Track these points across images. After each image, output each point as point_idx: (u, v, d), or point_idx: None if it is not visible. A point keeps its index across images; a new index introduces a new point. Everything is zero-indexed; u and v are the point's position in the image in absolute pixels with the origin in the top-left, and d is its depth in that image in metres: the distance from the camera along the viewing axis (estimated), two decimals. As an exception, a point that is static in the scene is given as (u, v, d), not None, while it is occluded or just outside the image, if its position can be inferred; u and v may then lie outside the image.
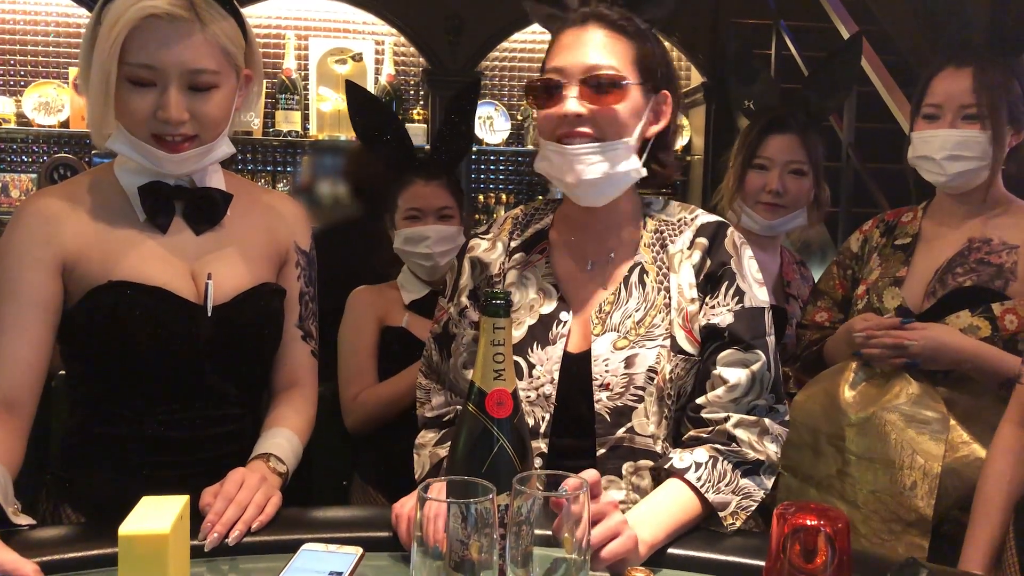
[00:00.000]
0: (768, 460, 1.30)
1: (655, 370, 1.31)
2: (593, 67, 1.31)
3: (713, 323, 1.33)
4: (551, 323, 1.37)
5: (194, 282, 1.39)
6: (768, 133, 2.18)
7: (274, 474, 1.33)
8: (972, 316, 1.70)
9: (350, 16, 4.39)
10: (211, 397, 1.41)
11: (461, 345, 1.44)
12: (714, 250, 1.36)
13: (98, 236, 1.36)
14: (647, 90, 1.35)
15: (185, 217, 1.41)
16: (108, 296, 1.33)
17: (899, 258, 1.86)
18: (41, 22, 4.15)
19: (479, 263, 1.46)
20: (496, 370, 1.03)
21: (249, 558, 1.20)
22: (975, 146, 1.72)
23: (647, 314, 1.34)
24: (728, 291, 1.34)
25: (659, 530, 1.21)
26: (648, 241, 1.40)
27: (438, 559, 0.88)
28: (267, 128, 4.28)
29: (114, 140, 1.34)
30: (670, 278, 1.36)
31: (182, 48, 1.28)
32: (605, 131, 1.32)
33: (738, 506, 1.27)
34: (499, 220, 1.51)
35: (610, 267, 1.39)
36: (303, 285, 1.52)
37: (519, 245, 1.45)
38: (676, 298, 1.35)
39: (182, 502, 1.02)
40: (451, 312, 1.46)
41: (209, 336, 1.37)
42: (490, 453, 1.03)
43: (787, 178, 2.15)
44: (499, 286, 1.42)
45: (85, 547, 1.17)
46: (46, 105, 4.09)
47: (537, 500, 0.90)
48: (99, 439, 1.39)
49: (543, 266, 1.42)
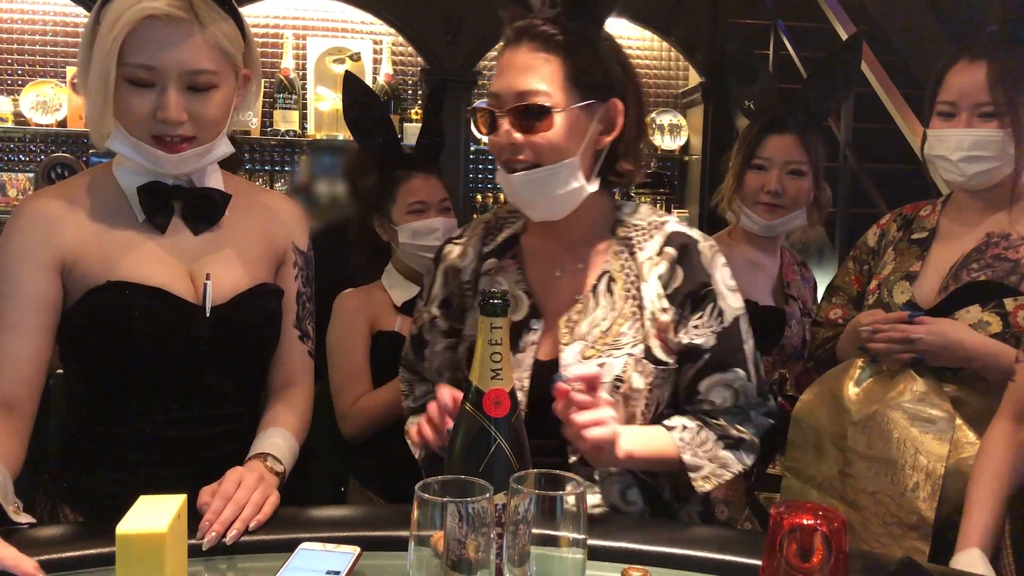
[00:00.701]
0: (749, 440, 1.37)
1: (621, 379, 1.32)
2: (522, 94, 1.29)
3: (696, 344, 1.35)
4: (522, 330, 1.37)
5: (192, 283, 1.39)
6: (767, 133, 2.19)
7: (271, 473, 1.33)
8: (983, 311, 1.65)
9: (348, 16, 4.38)
10: (209, 397, 1.41)
11: (434, 353, 1.46)
12: (690, 268, 1.36)
13: (97, 236, 1.36)
14: (588, 105, 1.31)
15: (184, 217, 1.41)
16: (107, 297, 1.33)
17: (914, 253, 1.81)
18: (39, 21, 4.15)
19: (451, 271, 1.46)
20: (493, 369, 1.04)
21: (247, 557, 1.20)
22: (992, 145, 1.67)
23: (614, 323, 1.35)
24: (712, 312, 1.36)
25: (641, 445, 1.28)
26: (617, 248, 1.40)
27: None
28: (265, 128, 4.28)
29: (113, 140, 1.34)
30: (640, 287, 1.36)
31: (181, 49, 1.29)
32: (542, 157, 1.31)
33: (712, 472, 1.33)
34: (471, 224, 1.52)
35: (579, 275, 1.40)
36: (300, 285, 1.52)
37: (492, 250, 1.45)
38: (649, 308, 1.35)
39: (180, 501, 1.02)
40: (424, 319, 1.48)
41: (207, 337, 1.37)
42: (487, 452, 1.03)
43: (786, 178, 2.16)
44: (470, 292, 1.43)
45: (83, 546, 1.17)
46: (44, 104, 4.08)
47: (534, 499, 0.90)
48: (97, 439, 1.39)
49: (515, 272, 1.43)
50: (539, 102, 1.28)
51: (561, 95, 1.29)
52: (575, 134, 1.31)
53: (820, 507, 1.00)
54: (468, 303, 1.44)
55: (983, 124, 1.68)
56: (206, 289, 1.38)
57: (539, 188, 1.32)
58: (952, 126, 1.71)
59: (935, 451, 1.60)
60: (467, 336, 1.43)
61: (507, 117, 1.30)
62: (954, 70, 1.71)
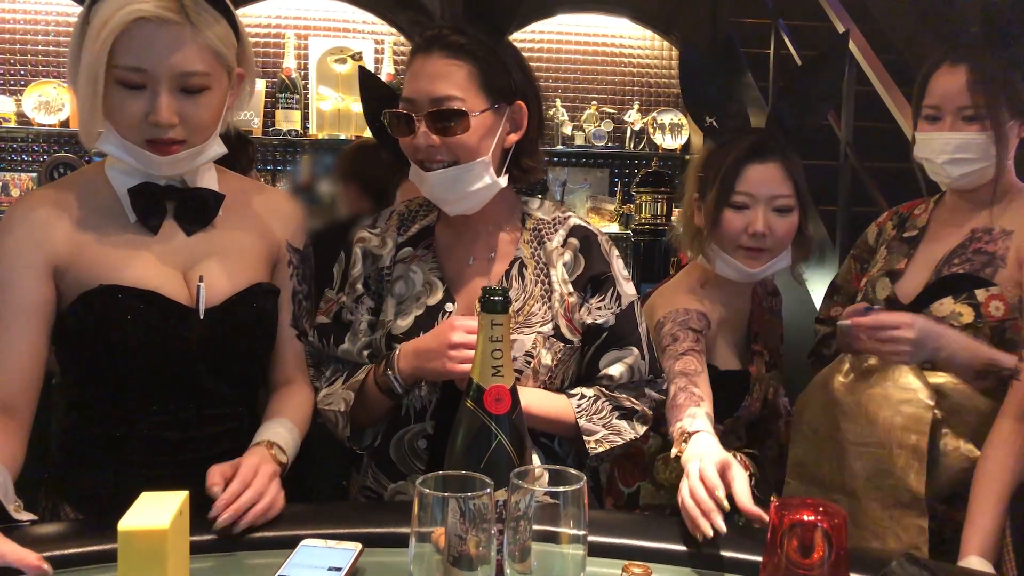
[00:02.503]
0: (642, 411, 1.49)
1: (531, 354, 1.44)
2: (438, 99, 1.39)
3: (598, 323, 1.49)
4: (437, 313, 1.47)
5: (186, 284, 1.38)
6: (746, 163, 1.75)
7: (275, 462, 1.33)
8: (955, 303, 1.68)
9: (350, 15, 4.39)
10: (206, 397, 1.41)
11: (359, 332, 1.51)
12: (592, 258, 1.51)
13: (88, 239, 1.35)
14: (497, 108, 1.42)
15: (176, 218, 1.40)
16: (99, 300, 1.33)
17: (903, 250, 1.84)
18: (41, 21, 4.16)
19: (370, 254, 1.54)
20: (494, 366, 1.04)
21: (248, 554, 1.20)
22: (975, 148, 1.70)
23: (526, 304, 1.47)
24: (611, 296, 1.51)
25: (537, 402, 1.41)
26: (527, 239, 1.52)
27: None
28: (267, 127, 4.28)
29: (104, 141, 1.33)
30: (549, 272, 1.50)
31: (172, 51, 1.27)
32: (458, 156, 1.41)
33: (604, 437, 1.46)
34: (384, 215, 1.59)
35: (491, 263, 1.51)
36: (296, 284, 1.51)
37: (406, 240, 1.54)
38: (557, 290, 1.48)
39: (182, 498, 1.02)
40: (344, 301, 1.53)
41: (202, 339, 1.37)
42: (488, 448, 1.03)
43: (772, 217, 1.74)
44: (388, 278, 1.51)
45: (85, 543, 1.17)
46: (46, 104, 4.09)
47: (535, 495, 0.91)
48: (95, 439, 1.39)
49: (430, 260, 1.52)
50: (455, 107, 1.38)
51: (474, 99, 1.40)
52: (487, 135, 1.42)
53: (820, 503, 1.00)
54: (385, 289, 1.52)
55: (966, 127, 1.70)
56: (199, 291, 1.37)
57: (455, 185, 1.43)
58: (937, 129, 1.74)
59: (917, 426, 1.62)
60: (384, 323, 1.49)
61: (424, 121, 1.39)
62: (937, 74, 1.74)
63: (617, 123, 4.64)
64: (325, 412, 1.48)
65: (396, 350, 1.42)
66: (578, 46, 4.66)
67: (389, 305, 1.49)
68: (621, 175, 4.73)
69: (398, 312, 1.48)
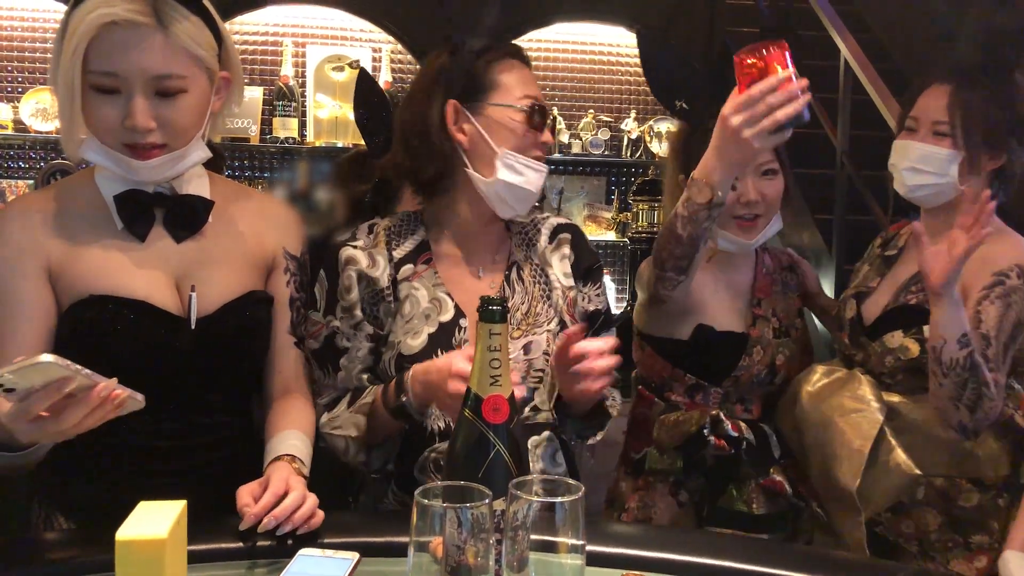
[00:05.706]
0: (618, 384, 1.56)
1: (549, 352, 1.49)
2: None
3: (598, 308, 1.60)
4: (452, 329, 1.46)
5: (178, 293, 1.37)
6: None
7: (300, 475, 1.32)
8: (904, 337, 1.70)
9: (347, 24, 4.39)
10: (198, 406, 1.40)
11: (356, 359, 1.47)
12: (582, 250, 1.61)
13: (77, 247, 1.34)
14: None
15: (165, 225, 1.39)
16: (89, 311, 1.32)
17: (881, 270, 1.87)
18: (39, 28, 4.15)
19: (364, 277, 1.48)
20: (492, 375, 1.04)
21: (246, 563, 1.20)
22: (936, 162, 1.70)
23: (531, 305, 1.52)
24: (601, 285, 1.63)
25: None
26: (517, 242, 1.58)
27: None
28: (264, 135, 4.28)
29: (86, 148, 1.33)
30: (546, 271, 1.56)
31: (145, 54, 1.26)
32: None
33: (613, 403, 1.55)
34: (363, 229, 1.54)
35: (494, 271, 1.54)
36: (293, 291, 1.49)
37: (404, 257, 1.50)
38: (559, 286, 1.55)
39: (179, 507, 1.02)
40: (338, 327, 1.48)
41: (193, 348, 1.36)
42: (486, 458, 1.03)
43: (760, 183, 1.81)
44: (390, 299, 1.47)
45: (82, 552, 1.17)
46: (43, 111, 4.08)
47: (533, 505, 0.91)
48: (88, 448, 1.36)
49: (432, 276, 1.50)
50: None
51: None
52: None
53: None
54: (387, 310, 1.48)
55: (936, 141, 1.72)
56: (191, 301, 1.35)
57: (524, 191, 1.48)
58: (911, 138, 1.76)
59: (863, 433, 1.68)
60: (393, 343, 1.46)
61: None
62: (925, 92, 1.77)
63: (614, 131, 4.64)
64: (331, 437, 1.46)
65: (408, 372, 1.39)
66: (575, 55, 4.67)
67: (397, 325, 1.46)
68: (618, 183, 4.73)
69: (407, 331, 1.46)
